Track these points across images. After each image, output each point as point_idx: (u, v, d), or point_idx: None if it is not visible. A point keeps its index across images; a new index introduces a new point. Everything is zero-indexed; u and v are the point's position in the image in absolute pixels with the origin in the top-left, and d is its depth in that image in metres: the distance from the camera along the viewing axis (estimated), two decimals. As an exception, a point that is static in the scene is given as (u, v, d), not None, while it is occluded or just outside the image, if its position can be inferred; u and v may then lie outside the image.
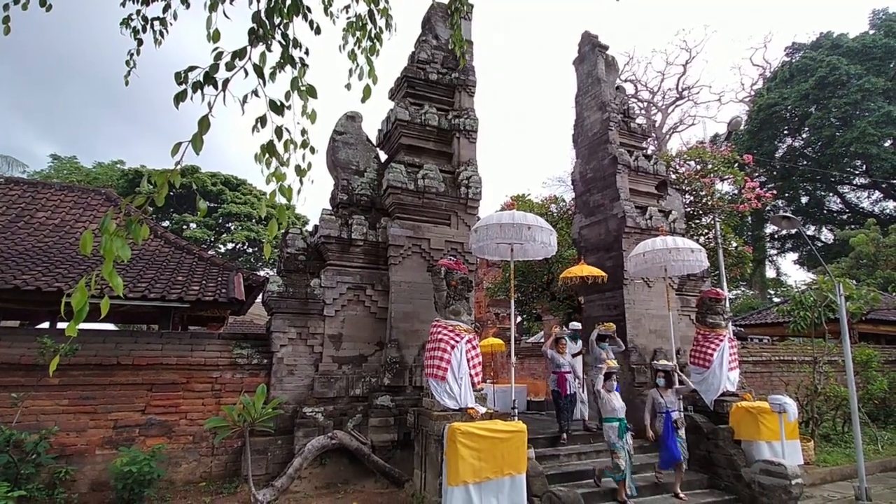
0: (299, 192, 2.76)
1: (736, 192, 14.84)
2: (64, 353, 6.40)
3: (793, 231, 28.76)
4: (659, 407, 7.15)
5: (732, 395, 8.15)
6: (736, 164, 14.64)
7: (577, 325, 9.66)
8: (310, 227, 9.12)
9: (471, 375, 6.66)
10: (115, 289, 1.93)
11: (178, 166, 2.12)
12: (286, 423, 7.34)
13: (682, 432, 7.13)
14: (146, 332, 7.96)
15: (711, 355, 8.25)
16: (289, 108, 2.55)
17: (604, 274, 9.56)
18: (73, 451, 6.55)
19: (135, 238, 1.99)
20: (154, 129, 79.74)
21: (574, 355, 9.15)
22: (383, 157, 9.63)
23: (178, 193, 28.49)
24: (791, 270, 61.54)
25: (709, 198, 13.33)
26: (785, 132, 32.03)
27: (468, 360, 6.65)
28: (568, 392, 8.37)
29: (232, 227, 29.81)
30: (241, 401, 6.30)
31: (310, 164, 2.91)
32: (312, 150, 2.91)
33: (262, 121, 2.52)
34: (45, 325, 10.89)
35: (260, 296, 8.80)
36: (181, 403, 7.19)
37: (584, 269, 9.60)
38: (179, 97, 2.33)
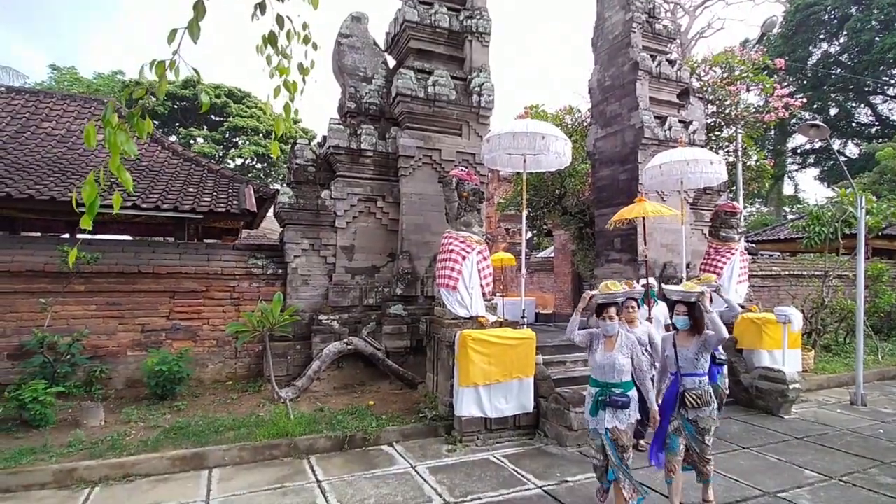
0: (303, 91, 2.71)
1: (762, 102, 14.07)
2: (85, 261, 6.58)
3: (817, 143, 27.68)
4: (669, 364, 4.07)
5: (740, 307, 8.29)
6: (766, 71, 13.75)
7: (650, 281, 6.72)
8: (318, 140, 8.92)
9: (481, 286, 6.79)
10: (125, 184, 1.91)
11: (176, 56, 2.00)
12: (303, 330, 7.67)
13: (701, 417, 3.84)
14: (163, 243, 8.12)
15: (721, 268, 8.28)
16: (289, -8, 2.35)
17: (674, 211, 7.59)
18: (105, 352, 6.97)
19: (137, 132, 1.92)
20: (146, 47, 75.94)
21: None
22: (391, 62, 9.15)
23: (182, 107, 27.80)
24: (810, 187, 60.12)
25: (733, 107, 12.68)
26: (821, 37, 29.74)
27: (479, 271, 6.74)
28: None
29: (239, 142, 29.34)
30: (259, 307, 6.53)
31: (313, 63, 2.77)
32: (315, 47, 2.74)
33: (262, 7, 2.34)
34: (66, 236, 11.12)
35: (271, 209, 8.81)
36: (202, 310, 7.51)
37: (638, 208, 7.21)
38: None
